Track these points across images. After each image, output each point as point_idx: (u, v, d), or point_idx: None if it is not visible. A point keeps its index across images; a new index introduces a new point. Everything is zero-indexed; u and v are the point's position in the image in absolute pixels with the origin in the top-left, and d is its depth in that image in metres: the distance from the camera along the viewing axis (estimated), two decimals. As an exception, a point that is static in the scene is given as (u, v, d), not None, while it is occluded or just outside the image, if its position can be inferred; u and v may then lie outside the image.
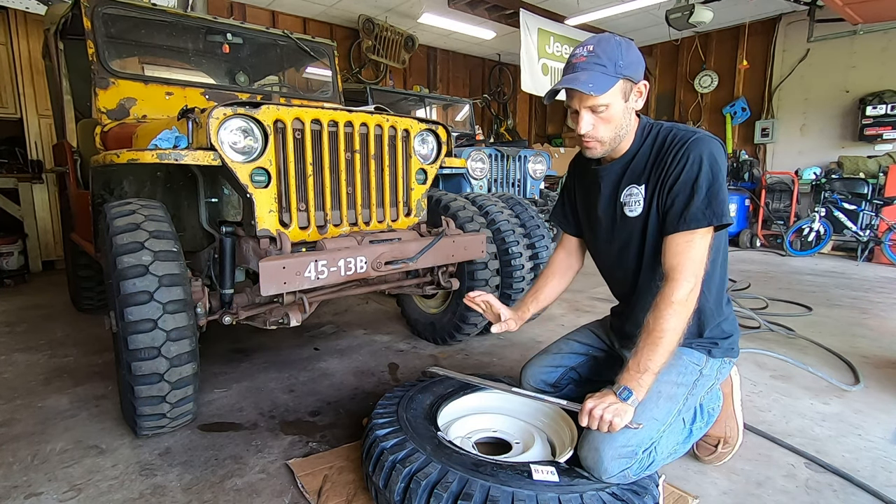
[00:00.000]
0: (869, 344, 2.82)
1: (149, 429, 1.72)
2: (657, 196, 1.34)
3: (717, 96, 7.42)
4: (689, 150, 1.27)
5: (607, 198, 1.47)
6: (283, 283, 1.67)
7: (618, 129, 1.33)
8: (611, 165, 1.45)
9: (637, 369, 1.25)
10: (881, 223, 5.53)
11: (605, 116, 1.29)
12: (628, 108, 1.32)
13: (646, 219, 1.38)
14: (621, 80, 1.26)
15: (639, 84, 1.31)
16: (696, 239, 1.26)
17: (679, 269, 1.26)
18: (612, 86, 1.25)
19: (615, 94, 1.27)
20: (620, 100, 1.28)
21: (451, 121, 5.89)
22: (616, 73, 1.25)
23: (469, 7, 5.86)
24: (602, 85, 1.24)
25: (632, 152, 1.40)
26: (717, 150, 1.29)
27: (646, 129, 1.40)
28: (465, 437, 1.55)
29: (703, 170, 1.25)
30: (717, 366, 1.45)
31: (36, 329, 3.11)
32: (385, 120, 2.09)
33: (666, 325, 1.23)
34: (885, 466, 1.62)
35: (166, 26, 2.85)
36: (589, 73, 1.24)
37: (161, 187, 2.23)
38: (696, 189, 1.25)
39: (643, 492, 1.25)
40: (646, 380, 1.25)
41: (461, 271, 2.48)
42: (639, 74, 1.30)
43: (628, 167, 1.41)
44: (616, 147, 1.39)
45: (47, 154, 5.01)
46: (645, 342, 1.26)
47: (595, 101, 1.26)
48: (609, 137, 1.34)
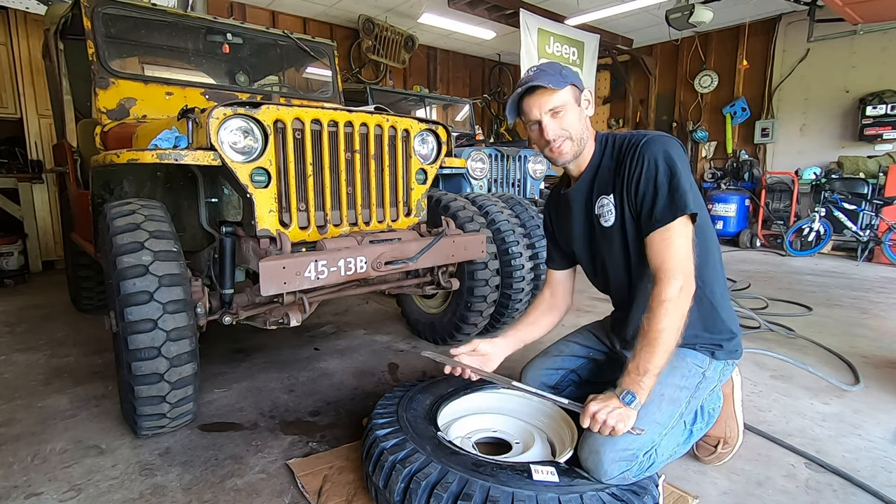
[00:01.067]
0: (869, 344, 2.82)
1: (149, 429, 1.72)
2: (626, 202, 1.38)
3: (717, 96, 7.42)
4: (643, 152, 1.33)
5: (581, 214, 1.51)
6: (283, 283, 1.67)
7: (579, 131, 1.41)
8: (579, 183, 1.50)
9: (637, 372, 1.26)
10: (881, 223, 5.53)
11: (563, 119, 1.38)
12: (582, 112, 1.42)
13: (622, 226, 1.41)
14: (570, 86, 1.37)
15: (584, 91, 1.42)
16: (673, 235, 1.28)
17: (665, 268, 1.28)
18: (565, 86, 1.36)
19: (568, 95, 1.37)
20: (574, 102, 1.39)
21: (451, 121, 5.89)
22: (564, 81, 1.36)
23: (469, 7, 5.86)
24: (557, 82, 1.34)
25: (594, 164, 1.46)
26: (670, 145, 1.33)
27: (603, 141, 1.47)
28: (465, 437, 1.55)
29: (659, 167, 1.30)
30: (720, 368, 1.45)
31: (36, 329, 3.11)
32: (385, 120, 2.09)
33: (660, 325, 1.25)
34: (885, 466, 1.62)
35: (166, 26, 2.85)
36: (542, 77, 1.35)
37: (161, 187, 2.23)
38: (657, 187, 1.30)
39: (643, 492, 1.25)
40: (647, 382, 1.26)
41: (461, 271, 2.48)
42: (581, 83, 1.41)
43: (595, 180, 1.46)
44: (580, 155, 1.45)
45: (47, 154, 5.01)
46: (642, 344, 1.27)
47: (552, 100, 1.36)
48: (575, 136, 1.41)
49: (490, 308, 2.58)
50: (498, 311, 2.70)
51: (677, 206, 1.27)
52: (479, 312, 2.53)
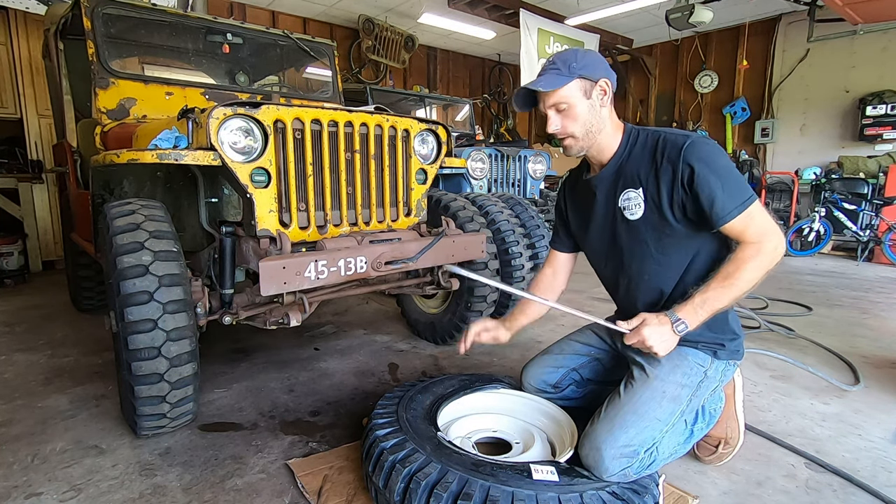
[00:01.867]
0: (869, 344, 2.82)
1: (149, 429, 1.72)
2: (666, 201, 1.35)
3: (717, 96, 7.42)
4: (690, 155, 1.30)
5: (604, 205, 1.49)
6: (283, 283, 1.67)
7: (587, 126, 1.38)
8: (603, 173, 1.47)
9: (701, 305, 1.27)
10: (881, 223, 5.53)
11: (569, 114, 1.37)
12: (594, 105, 1.37)
13: (646, 221, 1.39)
14: (577, 79, 1.34)
15: (599, 81, 1.36)
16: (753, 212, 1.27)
17: (755, 233, 1.26)
18: (566, 83, 1.33)
19: (572, 90, 1.34)
20: (581, 97, 1.35)
21: (451, 121, 5.89)
22: (570, 74, 1.33)
23: (469, 7, 5.86)
24: (554, 83, 1.33)
25: (621, 156, 1.43)
26: (713, 146, 1.33)
27: (632, 135, 1.44)
28: (465, 437, 1.55)
29: (714, 167, 1.29)
30: (721, 368, 1.45)
31: (36, 329, 3.11)
32: (385, 120, 2.09)
33: (743, 275, 1.24)
34: (885, 466, 1.62)
35: (166, 26, 2.85)
36: (545, 76, 1.36)
37: (161, 187, 2.23)
38: (721, 183, 1.27)
39: (643, 491, 1.25)
40: (702, 315, 1.28)
41: (461, 271, 2.48)
42: (596, 73, 1.35)
43: (621, 172, 1.43)
44: (597, 146, 1.43)
45: (47, 154, 5.01)
46: (717, 280, 1.27)
47: (553, 97, 1.35)
48: (580, 133, 1.39)
49: (490, 308, 2.58)
50: (498, 311, 2.70)
51: (744, 195, 1.27)
52: (479, 312, 2.53)
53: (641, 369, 1.41)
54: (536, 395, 1.66)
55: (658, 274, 1.44)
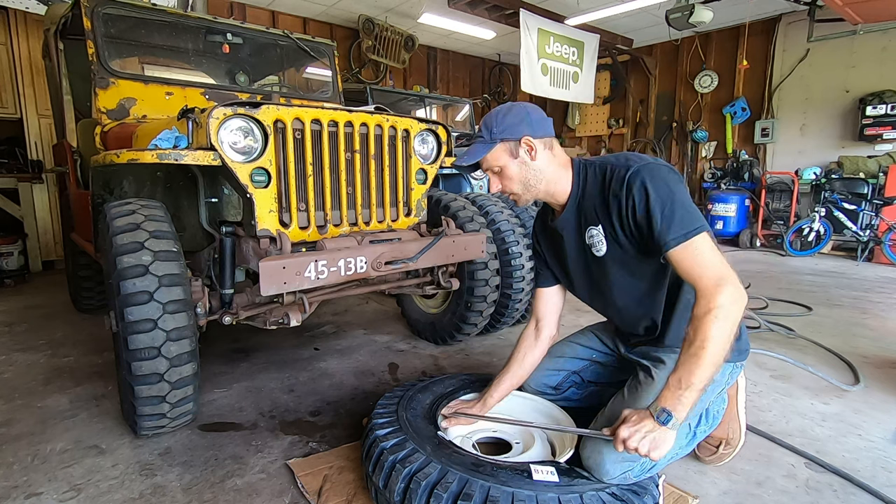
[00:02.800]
0: (869, 344, 2.82)
1: (149, 429, 1.71)
2: (622, 233, 1.33)
3: (717, 96, 7.42)
4: (632, 183, 1.25)
5: (574, 245, 1.48)
6: (283, 283, 1.67)
7: (523, 181, 1.41)
8: (564, 215, 1.46)
9: (678, 386, 1.17)
10: (881, 223, 5.52)
11: (503, 174, 1.41)
12: (524, 160, 1.38)
13: (612, 256, 1.39)
14: (499, 144, 1.37)
15: (522, 140, 1.36)
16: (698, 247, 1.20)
17: (705, 278, 1.19)
18: (488, 151, 1.38)
19: (497, 154, 1.38)
20: (508, 158, 1.38)
21: (451, 121, 5.89)
22: (492, 140, 1.37)
23: (469, 7, 5.86)
24: (475, 154, 1.40)
25: (576, 196, 1.42)
26: (656, 171, 1.26)
27: (581, 172, 1.41)
28: (465, 437, 1.55)
29: (651, 196, 1.22)
30: (728, 370, 1.44)
31: (36, 329, 3.11)
32: (385, 120, 2.09)
33: (708, 334, 1.14)
34: (885, 466, 1.62)
35: (166, 26, 2.84)
36: (471, 148, 1.42)
37: (161, 187, 2.23)
38: (659, 213, 1.21)
39: (643, 492, 1.25)
40: (688, 398, 1.16)
41: (461, 271, 2.48)
42: (516, 132, 1.36)
43: (581, 210, 1.42)
44: (545, 193, 1.44)
45: (47, 154, 5.01)
46: (685, 356, 1.17)
47: (484, 164, 1.42)
48: (519, 189, 1.42)
49: (490, 308, 2.58)
50: (498, 311, 2.69)
51: (688, 225, 1.20)
52: (479, 312, 2.53)
53: (647, 372, 1.41)
54: (536, 396, 1.66)
55: (642, 304, 1.44)
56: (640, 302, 1.44)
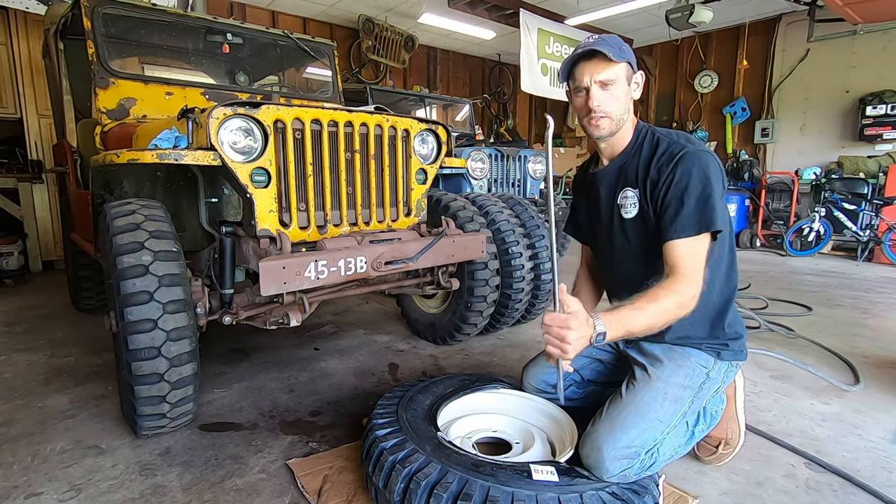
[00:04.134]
0: (869, 344, 2.82)
1: (149, 429, 1.71)
2: (650, 203, 1.37)
3: (717, 96, 7.42)
4: (679, 164, 1.32)
5: (606, 201, 1.52)
6: (283, 283, 1.67)
7: (622, 110, 1.40)
8: (608, 168, 1.49)
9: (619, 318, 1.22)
10: (881, 223, 5.52)
11: (613, 92, 1.37)
12: (629, 92, 1.41)
13: (640, 221, 1.41)
14: (625, 62, 1.37)
15: (636, 73, 1.42)
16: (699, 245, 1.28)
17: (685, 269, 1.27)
18: (621, 61, 1.35)
19: (622, 70, 1.37)
20: (625, 80, 1.38)
21: (451, 121, 5.89)
22: (621, 56, 1.34)
23: (469, 7, 5.86)
24: (616, 54, 1.33)
25: (626, 153, 1.46)
26: (708, 162, 1.31)
27: (642, 132, 1.45)
28: (465, 437, 1.55)
29: (692, 181, 1.29)
30: (724, 369, 1.45)
31: (36, 329, 3.11)
32: (385, 120, 2.09)
33: (661, 305, 1.23)
34: (885, 466, 1.62)
35: (166, 26, 2.84)
36: (603, 44, 1.33)
37: (161, 187, 2.23)
38: (684, 199, 1.29)
39: (643, 491, 1.25)
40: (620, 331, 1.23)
41: (461, 271, 2.48)
42: (636, 65, 1.42)
43: (623, 170, 1.46)
44: (619, 133, 1.44)
45: (47, 154, 5.01)
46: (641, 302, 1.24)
47: (605, 72, 1.34)
48: (617, 113, 1.40)
49: (490, 308, 2.58)
50: (498, 311, 2.69)
51: (704, 220, 1.27)
52: (479, 312, 2.53)
53: (644, 370, 1.41)
54: (536, 396, 1.66)
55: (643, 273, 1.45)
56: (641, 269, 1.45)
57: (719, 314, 1.44)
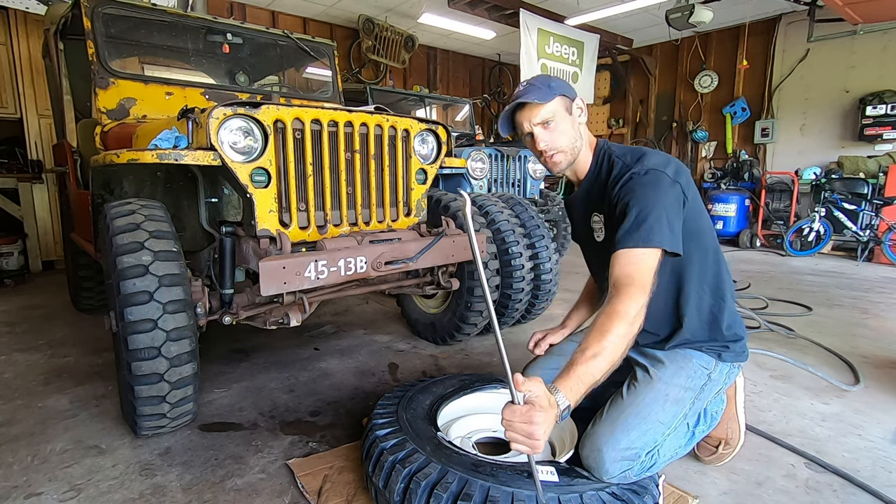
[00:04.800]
0: (869, 344, 2.82)
1: (149, 429, 1.72)
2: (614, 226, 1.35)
3: (717, 96, 7.42)
4: (624, 186, 1.32)
5: (582, 224, 1.56)
6: (283, 283, 1.67)
7: (571, 140, 1.42)
8: (578, 193, 1.53)
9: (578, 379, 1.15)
10: (881, 223, 5.52)
11: (556, 128, 1.40)
12: (574, 121, 1.43)
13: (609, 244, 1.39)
14: (559, 97, 1.39)
15: (575, 99, 1.43)
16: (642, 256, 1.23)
17: (630, 279, 1.21)
18: (552, 98, 1.38)
19: (556, 106, 1.39)
20: (564, 112, 1.41)
21: (451, 121, 5.89)
22: (552, 92, 1.38)
23: (469, 7, 5.86)
24: (541, 95, 1.37)
25: (590, 176, 1.48)
26: (652, 179, 1.28)
27: (601, 154, 1.47)
28: (465, 437, 1.55)
29: (634, 197, 1.28)
30: (725, 370, 1.45)
31: (36, 329, 3.11)
32: (385, 120, 2.09)
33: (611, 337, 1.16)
34: (885, 466, 1.62)
35: (166, 26, 2.84)
36: (530, 92, 1.39)
37: (161, 187, 2.23)
38: (626, 213, 1.28)
39: (643, 491, 1.25)
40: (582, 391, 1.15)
41: (461, 271, 2.48)
42: (572, 93, 1.43)
43: (590, 195, 1.49)
44: (577, 161, 1.46)
45: (47, 154, 5.01)
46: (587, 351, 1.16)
47: (541, 113, 1.38)
48: (568, 145, 1.42)
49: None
50: (498, 312, 2.70)
51: (643, 236, 1.23)
52: (479, 312, 2.53)
53: (645, 371, 1.41)
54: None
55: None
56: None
57: (714, 319, 1.44)
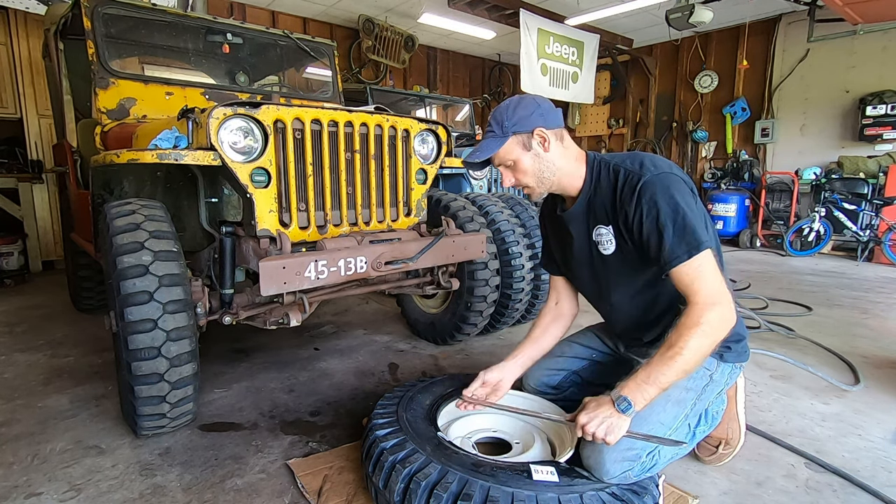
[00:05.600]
0: (869, 344, 2.82)
1: (149, 429, 1.71)
2: (628, 238, 1.34)
3: (717, 96, 7.42)
4: (642, 195, 1.27)
5: (581, 240, 1.48)
6: (283, 283, 1.67)
7: (538, 174, 1.40)
8: (574, 209, 1.46)
9: (646, 380, 1.22)
10: (881, 223, 5.52)
11: (517, 168, 1.40)
12: (537, 153, 1.37)
13: (620, 255, 1.39)
14: (512, 137, 1.36)
15: (534, 132, 1.36)
16: (701, 265, 1.22)
17: (702, 294, 1.21)
18: (500, 146, 1.36)
19: (511, 148, 1.37)
20: (521, 151, 1.37)
21: (451, 121, 5.89)
22: (504, 134, 1.36)
23: (469, 7, 5.86)
24: (490, 148, 1.37)
25: (588, 191, 1.42)
26: (669, 183, 1.26)
27: (595, 166, 1.41)
28: (465, 437, 1.55)
29: (661, 209, 1.24)
30: (727, 371, 1.44)
31: (36, 329, 3.11)
32: (385, 120, 2.09)
33: (688, 343, 1.19)
34: (885, 466, 1.62)
35: (166, 26, 2.84)
36: (482, 143, 1.39)
37: (161, 187, 2.23)
38: (662, 230, 1.23)
39: (643, 492, 1.25)
40: (650, 392, 1.22)
41: (461, 271, 2.48)
42: (528, 125, 1.36)
43: (591, 207, 1.42)
44: (558, 186, 1.43)
45: (47, 154, 5.01)
46: (662, 355, 1.22)
47: (497, 158, 1.40)
48: (534, 182, 1.41)
49: (490, 308, 2.58)
50: (498, 311, 2.70)
51: (691, 243, 1.21)
52: (479, 312, 2.53)
53: None
54: (536, 396, 1.66)
55: (642, 306, 1.44)
56: (640, 305, 1.44)
57: None
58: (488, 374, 1.59)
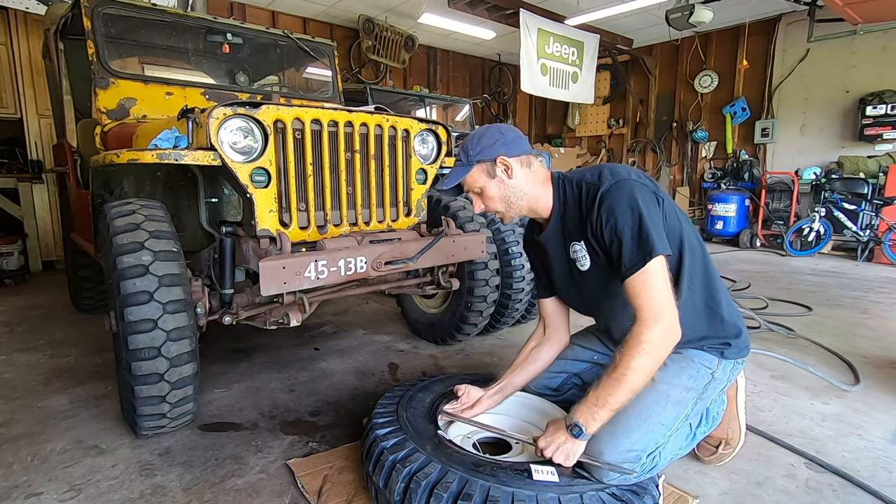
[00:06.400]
0: (869, 344, 2.82)
1: (149, 429, 1.72)
2: (599, 250, 1.36)
3: (717, 96, 7.42)
4: (601, 204, 1.29)
5: (559, 258, 1.51)
6: (283, 283, 1.67)
7: (504, 199, 1.44)
8: (548, 230, 1.49)
9: (595, 403, 1.24)
10: (881, 223, 5.52)
11: (484, 195, 1.45)
12: (501, 180, 1.42)
13: (595, 268, 1.40)
14: (476, 165, 1.42)
15: (497, 160, 1.40)
16: (650, 277, 1.23)
17: (647, 308, 1.23)
18: (466, 174, 1.43)
19: (476, 176, 1.43)
20: (486, 178, 1.43)
21: (451, 121, 5.89)
22: (469, 163, 1.42)
23: (469, 7, 5.86)
24: (456, 176, 1.44)
25: (558, 212, 1.45)
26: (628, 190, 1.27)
27: (560, 185, 1.45)
28: (465, 437, 1.55)
29: (618, 216, 1.26)
30: (729, 368, 1.44)
31: (36, 329, 3.11)
32: (385, 120, 2.09)
33: (632, 363, 1.20)
34: (885, 466, 1.62)
35: (166, 26, 2.84)
36: (452, 171, 1.46)
37: (161, 187, 2.23)
38: (620, 235, 1.26)
39: (643, 492, 1.25)
40: (601, 415, 1.24)
41: (461, 271, 2.48)
42: (491, 153, 1.40)
43: (564, 226, 1.45)
44: (528, 209, 1.47)
45: (47, 154, 5.01)
46: (609, 377, 1.24)
47: (465, 185, 1.47)
48: (502, 207, 1.46)
49: (490, 308, 2.58)
50: (498, 311, 2.70)
51: (644, 250, 1.23)
52: (479, 312, 2.53)
53: None
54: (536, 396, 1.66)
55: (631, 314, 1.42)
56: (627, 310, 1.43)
57: (712, 311, 1.42)
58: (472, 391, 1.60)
